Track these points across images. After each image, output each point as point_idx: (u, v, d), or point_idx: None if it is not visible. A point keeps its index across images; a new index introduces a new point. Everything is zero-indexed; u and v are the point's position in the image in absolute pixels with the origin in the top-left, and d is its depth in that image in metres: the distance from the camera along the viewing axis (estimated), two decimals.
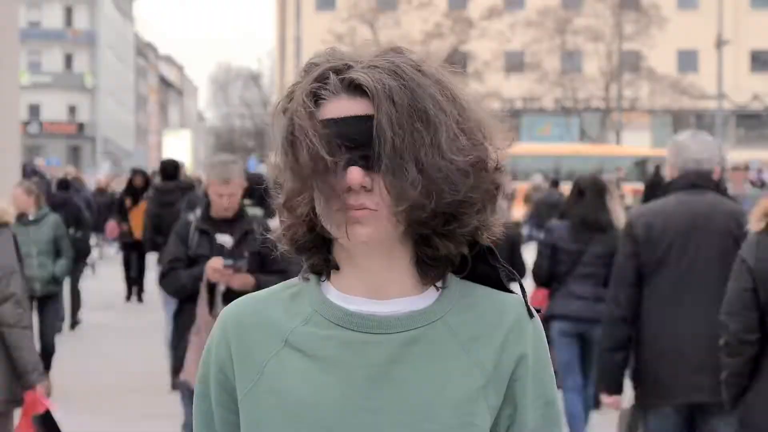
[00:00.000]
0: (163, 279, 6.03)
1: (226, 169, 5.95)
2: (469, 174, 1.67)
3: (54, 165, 36.75)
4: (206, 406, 1.81)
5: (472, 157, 1.67)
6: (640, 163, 33.87)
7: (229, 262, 5.69)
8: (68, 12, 75.36)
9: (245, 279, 5.70)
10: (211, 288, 5.73)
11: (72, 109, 74.84)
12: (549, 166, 31.75)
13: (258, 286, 5.39)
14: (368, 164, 1.64)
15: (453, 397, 1.70)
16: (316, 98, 1.68)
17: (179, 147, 50.70)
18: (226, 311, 1.80)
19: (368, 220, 1.66)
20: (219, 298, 5.71)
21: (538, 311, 1.79)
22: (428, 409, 1.69)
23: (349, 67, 1.69)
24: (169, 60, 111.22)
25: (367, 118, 1.65)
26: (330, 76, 1.68)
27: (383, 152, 1.63)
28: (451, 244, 1.70)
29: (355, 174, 1.64)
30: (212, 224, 5.94)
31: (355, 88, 1.67)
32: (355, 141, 1.65)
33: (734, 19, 52.94)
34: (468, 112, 1.71)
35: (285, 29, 42.65)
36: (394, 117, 1.63)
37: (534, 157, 32.18)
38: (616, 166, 29.97)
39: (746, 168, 11.19)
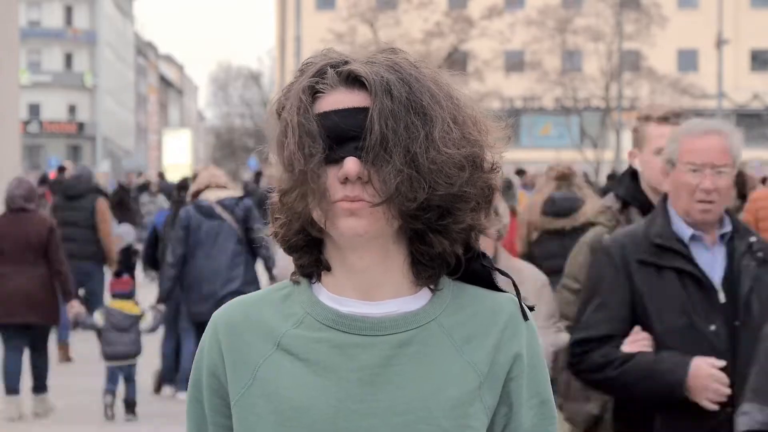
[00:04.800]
0: None
1: None
2: (464, 167, 1.67)
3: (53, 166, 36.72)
4: (199, 410, 1.80)
5: (467, 150, 1.68)
6: None
7: None
8: (68, 11, 75.28)
9: None
10: None
11: (72, 109, 74.76)
12: None
13: None
14: (366, 156, 1.65)
15: (448, 399, 1.69)
16: (314, 93, 1.69)
17: (179, 146, 50.61)
18: (217, 315, 1.79)
19: (364, 213, 1.65)
20: None
21: (531, 309, 1.79)
22: (423, 411, 1.68)
23: (347, 62, 1.70)
24: (169, 59, 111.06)
25: (365, 110, 1.66)
26: (328, 71, 1.69)
27: (371, 143, 1.64)
28: (446, 240, 1.70)
29: (351, 165, 1.64)
30: None
31: (354, 81, 1.68)
32: (352, 133, 1.65)
33: (734, 18, 52.90)
34: (463, 109, 1.71)
35: (285, 28, 42.58)
36: (388, 109, 1.64)
37: None
38: None
39: None
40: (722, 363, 3.42)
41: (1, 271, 8.96)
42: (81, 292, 11.35)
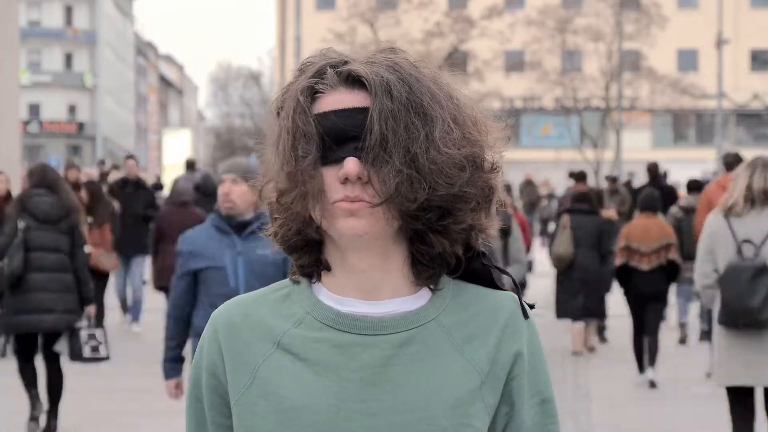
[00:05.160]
0: None
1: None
2: (465, 168, 1.66)
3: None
4: (199, 409, 1.80)
5: (467, 150, 1.67)
6: None
7: None
8: (68, 11, 75.30)
9: None
10: None
11: (72, 109, 74.78)
12: None
13: None
14: (366, 156, 1.65)
15: (449, 399, 1.69)
16: (314, 93, 1.69)
17: (179, 146, 50.50)
18: (217, 314, 1.78)
19: (364, 213, 1.65)
20: None
21: (531, 307, 1.79)
22: (424, 411, 1.68)
23: (347, 62, 1.70)
24: (169, 59, 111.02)
25: (364, 110, 1.65)
26: (327, 71, 1.69)
27: (371, 144, 1.64)
28: (446, 241, 1.69)
29: (352, 165, 1.64)
30: None
31: (354, 81, 1.67)
32: (352, 133, 1.65)
33: (734, 18, 52.92)
34: (463, 109, 1.71)
35: (285, 28, 42.63)
36: (388, 109, 1.64)
37: None
38: None
39: None
40: None
41: (166, 248, 12.23)
42: None
